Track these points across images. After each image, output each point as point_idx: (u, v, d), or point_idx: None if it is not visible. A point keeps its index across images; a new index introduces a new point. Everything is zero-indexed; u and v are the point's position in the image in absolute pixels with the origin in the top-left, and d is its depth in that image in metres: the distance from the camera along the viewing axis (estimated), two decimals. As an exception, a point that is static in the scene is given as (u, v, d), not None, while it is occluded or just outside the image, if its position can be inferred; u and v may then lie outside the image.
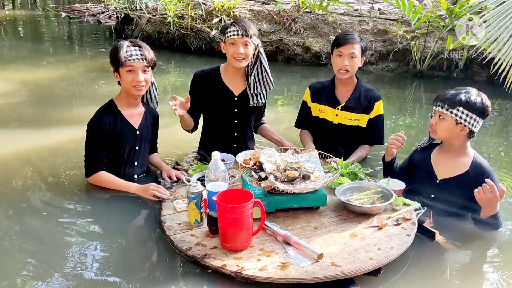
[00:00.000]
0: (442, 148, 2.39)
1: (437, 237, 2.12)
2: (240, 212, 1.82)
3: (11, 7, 13.34)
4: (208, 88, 2.82)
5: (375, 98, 2.92)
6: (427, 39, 6.32)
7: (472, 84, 5.90)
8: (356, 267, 1.79)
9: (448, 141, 2.31)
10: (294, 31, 6.99)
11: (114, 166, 2.55)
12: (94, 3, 11.86)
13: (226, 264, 1.80)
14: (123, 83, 2.46)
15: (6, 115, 4.05)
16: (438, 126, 2.27)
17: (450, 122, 2.21)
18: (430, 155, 2.41)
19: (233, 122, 2.90)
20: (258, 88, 2.82)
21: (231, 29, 2.64)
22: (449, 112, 2.19)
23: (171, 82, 5.95)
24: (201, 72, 2.86)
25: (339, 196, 2.25)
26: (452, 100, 2.19)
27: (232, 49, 2.65)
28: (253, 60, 2.77)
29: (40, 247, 2.06)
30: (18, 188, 2.61)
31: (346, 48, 2.76)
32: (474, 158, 2.29)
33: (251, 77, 2.79)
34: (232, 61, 2.68)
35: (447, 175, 2.32)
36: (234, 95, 2.83)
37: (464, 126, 2.19)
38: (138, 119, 2.59)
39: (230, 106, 2.85)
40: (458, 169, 2.30)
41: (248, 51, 2.66)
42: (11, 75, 5.74)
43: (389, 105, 4.98)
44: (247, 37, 2.62)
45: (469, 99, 2.17)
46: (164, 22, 7.64)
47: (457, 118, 2.18)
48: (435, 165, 2.38)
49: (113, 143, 2.49)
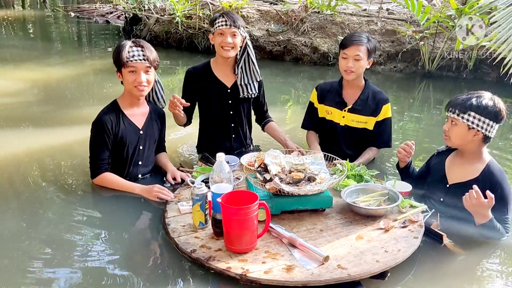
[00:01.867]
0: (458, 153, 2.34)
1: (444, 240, 2.09)
2: (245, 214, 1.82)
3: (21, 7, 13.45)
4: (201, 82, 2.88)
5: (383, 100, 2.89)
6: (436, 40, 6.27)
7: (482, 84, 5.84)
8: (362, 270, 1.78)
9: (462, 146, 2.26)
10: (302, 31, 6.96)
11: (118, 166, 2.56)
12: (103, 3, 11.90)
13: (231, 267, 1.79)
14: (125, 83, 2.46)
15: (15, 114, 4.09)
16: (451, 132, 2.22)
17: (462, 127, 2.16)
18: (445, 159, 2.38)
19: (228, 113, 2.94)
20: (245, 79, 2.87)
21: (219, 19, 2.71)
22: (460, 117, 2.14)
23: (179, 82, 5.96)
24: (192, 68, 2.93)
25: (345, 198, 2.24)
26: (463, 105, 2.14)
27: (220, 38, 2.72)
28: (241, 51, 2.82)
29: (46, 247, 2.07)
30: (25, 187, 2.63)
31: (350, 50, 2.74)
32: (488, 165, 2.22)
33: (238, 68, 2.84)
34: (220, 50, 2.75)
35: (458, 180, 2.28)
36: (227, 87, 2.89)
37: (477, 131, 2.14)
38: (142, 118, 2.59)
39: (224, 97, 2.90)
40: (468, 175, 2.24)
41: (236, 41, 2.73)
42: (21, 75, 5.78)
43: (397, 105, 4.94)
44: (235, 28, 2.69)
45: (480, 103, 2.11)
46: (172, 22, 7.65)
47: (469, 124, 2.13)
48: (447, 170, 2.34)
49: (116, 143, 2.50)
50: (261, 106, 3.11)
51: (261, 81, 2.99)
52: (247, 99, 2.97)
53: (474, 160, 2.25)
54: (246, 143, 3.10)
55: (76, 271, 1.89)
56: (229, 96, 2.90)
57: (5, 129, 3.73)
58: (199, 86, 2.88)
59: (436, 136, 3.90)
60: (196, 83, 2.88)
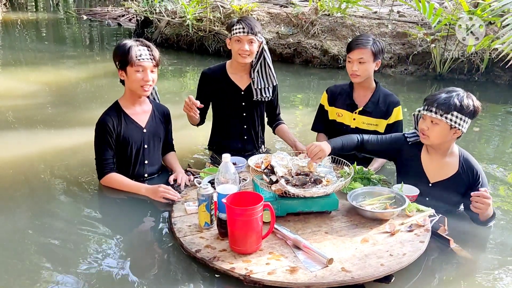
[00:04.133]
0: (431, 149, 2.34)
1: (451, 245, 2.07)
2: (249, 215, 1.82)
3: (34, 9, 13.64)
4: (216, 84, 2.90)
5: (394, 103, 2.86)
6: (447, 42, 6.22)
7: (494, 87, 5.80)
8: (366, 273, 1.76)
9: (440, 145, 2.27)
10: (312, 34, 6.96)
11: (124, 165, 2.57)
12: (115, 6, 12.04)
13: (235, 267, 1.79)
14: (130, 82, 2.46)
15: (29, 115, 4.14)
16: (431, 131, 2.20)
17: (444, 127, 2.16)
18: (419, 156, 2.37)
19: (241, 115, 2.97)
20: (261, 83, 2.89)
21: (237, 26, 2.72)
22: (443, 117, 2.13)
23: (189, 84, 5.99)
24: (208, 70, 2.96)
25: (351, 201, 2.22)
26: (446, 105, 2.12)
27: (237, 46, 2.74)
28: (257, 56, 2.84)
29: (53, 247, 2.09)
30: (37, 188, 2.67)
31: (354, 53, 2.73)
32: (461, 156, 2.29)
33: (254, 72, 2.87)
34: (237, 57, 2.77)
35: (439, 178, 2.31)
36: (241, 89, 2.91)
37: (457, 129, 2.16)
38: (144, 117, 2.59)
39: (238, 99, 2.93)
40: (448, 171, 2.29)
41: (253, 48, 2.75)
42: (34, 77, 5.87)
43: (408, 108, 4.90)
44: (253, 35, 2.70)
45: (462, 103, 2.12)
46: (183, 24, 7.71)
47: (452, 123, 2.13)
48: (426, 168, 2.35)
49: (119, 142, 2.51)
50: (274, 109, 3.13)
51: (276, 85, 3.01)
52: (261, 102, 3.00)
53: (449, 155, 2.30)
54: (258, 145, 3.11)
55: (81, 272, 1.91)
56: (243, 98, 2.93)
57: (19, 130, 3.79)
58: (213, 88, 2.91)
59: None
60: (210, 84, 2.92)
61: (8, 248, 2.09)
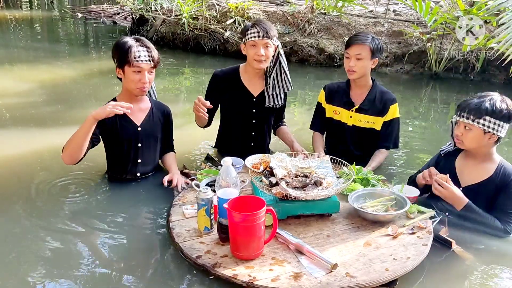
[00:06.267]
0: (468, 154, 2.31)
1: (453, 246, 2.06)
2: (252, 220, 1.79)
3: (28, 7, 13.52)
4: (227, 88, 2.84)
5: (390, 100, 2.88)
6: (443, 41, 6.24)
7: (489, 86, 5.82)
8: (372, 278, 1.75)
9: (476, 149, 2.24)
10: (308, 33, 6.95)
11: (118, 163, 2.55)
12: (110, 4, 11.95)
13: (238, 274, 1.76)
14: (128, 82, 2.44)
15: (23, 114, 4.10)
16: (465, 137, 2.18)
17: (477, 132, 2.13)
18: (455, 161, 2.35)
19: (251, 122, 2.93)
20: (276, 89, 2.84)
21: (251, 30, 2.65)
22: (475, 122, 2.11)
23: (185, 83, 5.97)
24: (220, 72, 2.88)
25: (352, 203, 2.21)
26: (478, 110, 2.11)
27: (252, 50, 2.67)
28: (273, 61, 2.78)
29: (48, 249, 2.06)
30: (32, 187, 2.62)
31: (352, 49, 2.74)
32: (501, 164, 2.22)
33: (270, 78, 2.81)
34: (252, 62, 2.70)
35: (471, 182, 2.26)
36: (253, 95, 2.86)
37: (492, 134, 2.12)
38: (141, 115, 2.57)
39: (248, 106, 2.88)
40: (482, 175, 2.23)
41: (269, 53, 2.68)
42: (28, 75, 5.81)
43: (404, 107, 4.92)
44: (268, 39, 2.63)
45: (494, 107, 2.09)
46: (178, 23, 7.66)
47: (485, 128, 2.11)
48: (459, 172, 2.31)
49: (112, 139, 2.48)
50: (280, 114, 3.10)
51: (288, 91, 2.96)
52: (272, 109, 2.94)
53: (486, 160, 2.24)
54: (265, 152, 3.06)
55: (76, 276, 1.87)
56: (254, 105, 2.88)
57: (13, 129, 3.75)
58: (224, 91, 2.85)
59: (443, 138, 3.88)
60: (221, 87, 2.85)
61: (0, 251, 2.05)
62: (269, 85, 2.83)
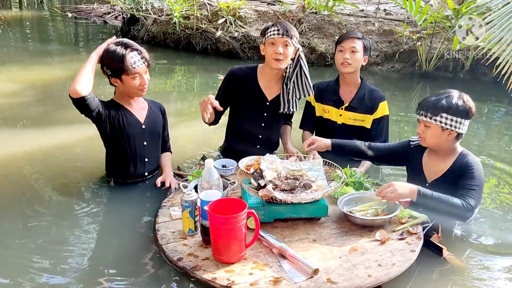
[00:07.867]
0: (431, 150, 2.35)
1: (444, 253, 2.02)
2: (232, 223, 1.75)
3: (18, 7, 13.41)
4: (242, 87, 2.76)
5: (379, 98, 2.90)
6: (433, 40, 6.28)
7: (478, 85, 5.87)
8: (353, 285, 1.70)
9: (438, 146, 2.28)
10: (299, 32, 6.94)
11: (125, 163, 2.54)
12: (101, 4, 11.88)
13: (217, 277, 1.73)
14: (128, 88, 2.43)
15: (14, 114, 4.08)
16: (425, 134, 2.24)
17: (436, 129, 2.18)
18: (421, 158, 2.39)
19: (260, 125, 2.85)
20: (296, 94, 2.75)
21: (271, 29, 2.59)
22: (433, 120, 2.16)
23: (177, 82, 5.96)
24: (238, 69, 2.80)
25: (341, 207, 2.16)
26: (434, 107, 2.16)
27: (271, 49, 2.59)
28: (293, 65, 2.68)
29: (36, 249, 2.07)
30: (24, 188, 2.61)
31: (347, 42, 2.76)
32: (461, 154, 2.27)
33: (290, 82, 2.71)
34: (271, 62, 2.62)
35: (436, 177, 2.31)
36: (267, 99, 2.78)
37: (450, 131, 2.16)
38: (143, 113, 2.57)
39: (261, 110, 2.80)
40: (443, 168, 2.28)
41: (288, 52, 2.59)
42: (18, 75, 5.76)
43: (394, 106, 4.94)
44: (288, 37, 2.56)
45: (450, 104, 2.14)
46: (169, 22, 7.63)
47: (442, 125, 2.15)
48: (425, 168, 2.36)
49: (119, 137, 2.47)
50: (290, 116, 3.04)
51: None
52: (284, 115, 2.88)
53: (448, 155, 2.29)
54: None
55: (63, 276, 1.87)
56: (267, 109, 2.80)
57: (4, 129, 3.71)
58: (239, 90, 2.76)
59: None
60: (237, 86, 2.76)
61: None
62: (289, 89, 2.72)
